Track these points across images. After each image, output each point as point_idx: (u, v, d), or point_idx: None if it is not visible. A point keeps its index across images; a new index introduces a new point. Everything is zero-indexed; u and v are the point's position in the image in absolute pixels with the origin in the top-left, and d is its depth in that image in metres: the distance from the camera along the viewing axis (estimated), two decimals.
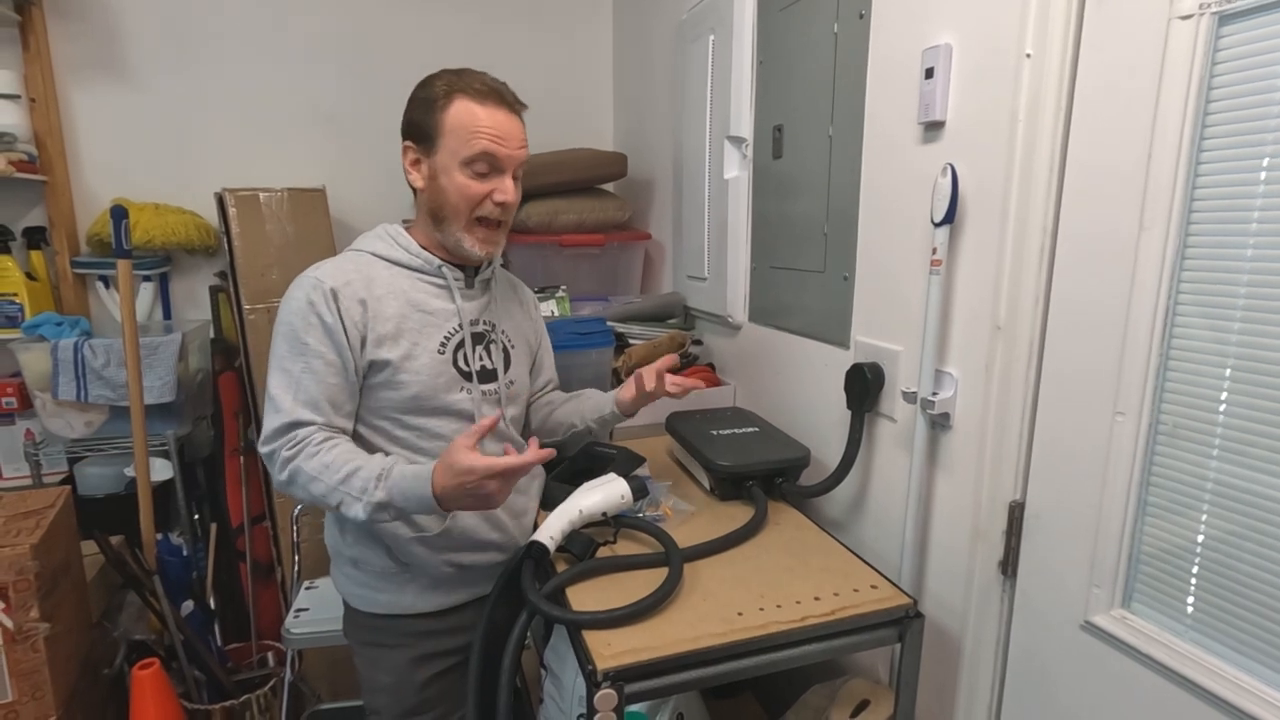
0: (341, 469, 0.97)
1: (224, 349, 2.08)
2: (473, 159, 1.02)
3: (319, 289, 1.01)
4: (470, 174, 1.03)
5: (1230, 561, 0.78)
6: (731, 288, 1.70)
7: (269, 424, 1.00)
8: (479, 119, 1.02)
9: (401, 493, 0.95)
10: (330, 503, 0.97)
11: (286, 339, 1.02)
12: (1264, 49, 0.71)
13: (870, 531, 1.30)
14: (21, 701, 1.33)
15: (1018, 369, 0.98)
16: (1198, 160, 0.78)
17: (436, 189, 1.06)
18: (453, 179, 1.04)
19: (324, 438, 1.00)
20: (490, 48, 2.32)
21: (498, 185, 1.05)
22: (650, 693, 0.88)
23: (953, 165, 1.01)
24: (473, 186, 1.04)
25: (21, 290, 1.83)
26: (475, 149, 1.02)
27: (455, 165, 1.03)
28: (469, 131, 1.02)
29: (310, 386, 1.00)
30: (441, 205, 1.06)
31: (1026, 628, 1.02)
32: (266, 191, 1.94)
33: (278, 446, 0.99)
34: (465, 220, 1.05)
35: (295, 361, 1.00)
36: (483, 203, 1.05)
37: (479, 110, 1.02)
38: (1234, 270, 0.75)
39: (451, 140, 1.03)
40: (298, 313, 1.01)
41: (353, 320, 1.02)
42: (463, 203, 1.04)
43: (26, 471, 1.85)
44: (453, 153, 1.03)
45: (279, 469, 0.99)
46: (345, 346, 1.02)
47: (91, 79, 1.97)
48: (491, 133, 1.02)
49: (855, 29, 1.23)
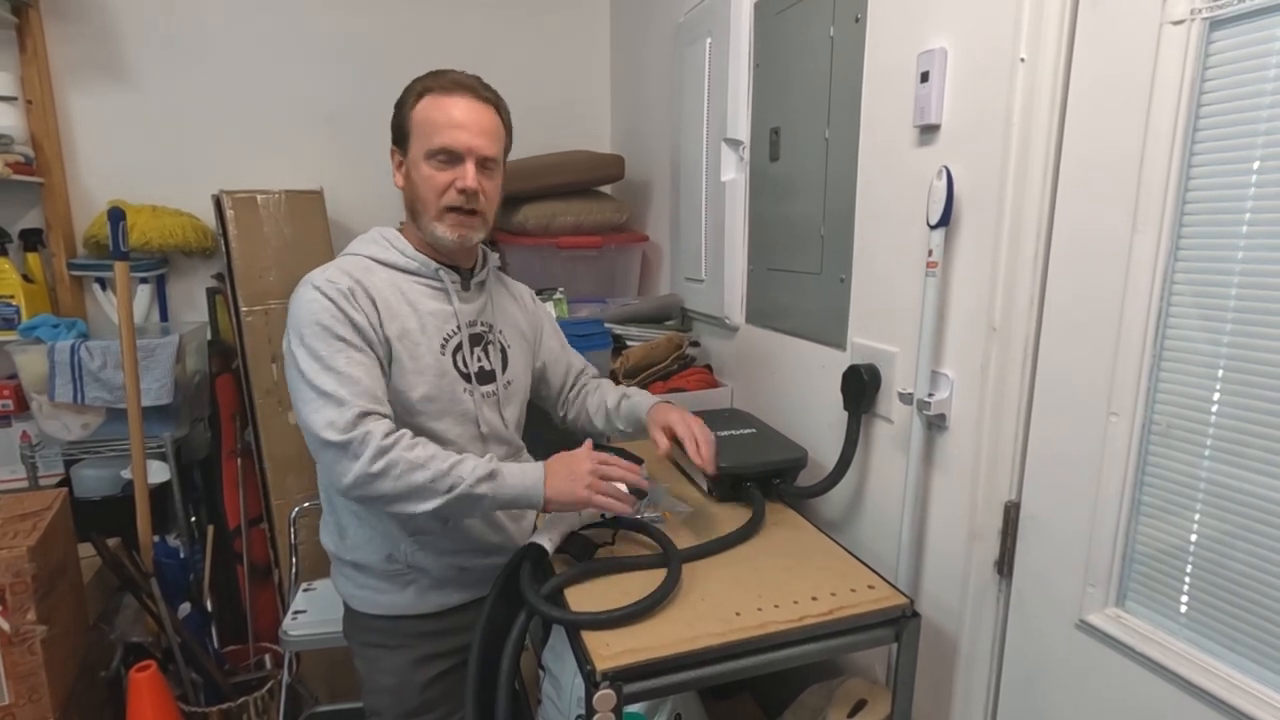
0: (448, 458, 0.98)
1: (221, 351, 2.08)
2: (434, 150, 1.05)
3: (335, 288, 1.01)
4: (434, 165, 1.05)
5: (1223, 560, 0.78)
6: (729, 289, 1.70)
7: (335, 416, 0.94)
8: (441, 110, 1.05)
9: (510, 487, 1.00)
10: (439, 488, 0.95)
11: (320, 338, 0.98)
12: (1255, 54, 0.72)
13: (867, 532, 1.30)
14: (18, 704, 1.33)
15: (1013, 370, 0.99)
16: (1189, 163, 0.79)
17: (410, 185, 1.09)
18: (420, 171, 1.06)
19: (410, 432, 0.99)
20: (488, 50, 2.32)
21: (459, 173, 1.05)
22: (649, 693, 0.88)
23: (948, 168, 1.02)
24: (436, 177, 1.05)
25: (18, 292, 1.83)
26: (434, 140, 1.04)
27: (421, 158, 1.06)
28: (431, 124, 1.05)
29: (363, 379, 0.98)
30: (414, 199, 1.08)
31: (1022, 627, 1.03)
32: (264, 193, 1.94)
33: (353, 439, 0.93)
34: (435, 210, 1.07)
35: (334, 358, 0.98)
36: (447, 192, 1.06)
37: (443, 101, 1.05)
38: (1226, 272, 0.76)
39: (417, 135, 1.06)
40: (326, 310, 0.99)
41: (370, 318, 1.03)
42: (430, 193, 1.06)
43: (23, 474, 1.85)
44: (419, 148, 1.06)
45: (370, 458, 0.93)
46: (376, 342, 1.03)
47: (88, 81, 1.97)
48: (450, 122, 1.04)
49: (851, 32, 1.24)
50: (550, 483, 1.01)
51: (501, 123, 1.10)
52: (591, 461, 1.04)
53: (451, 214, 1.07)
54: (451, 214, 1.07)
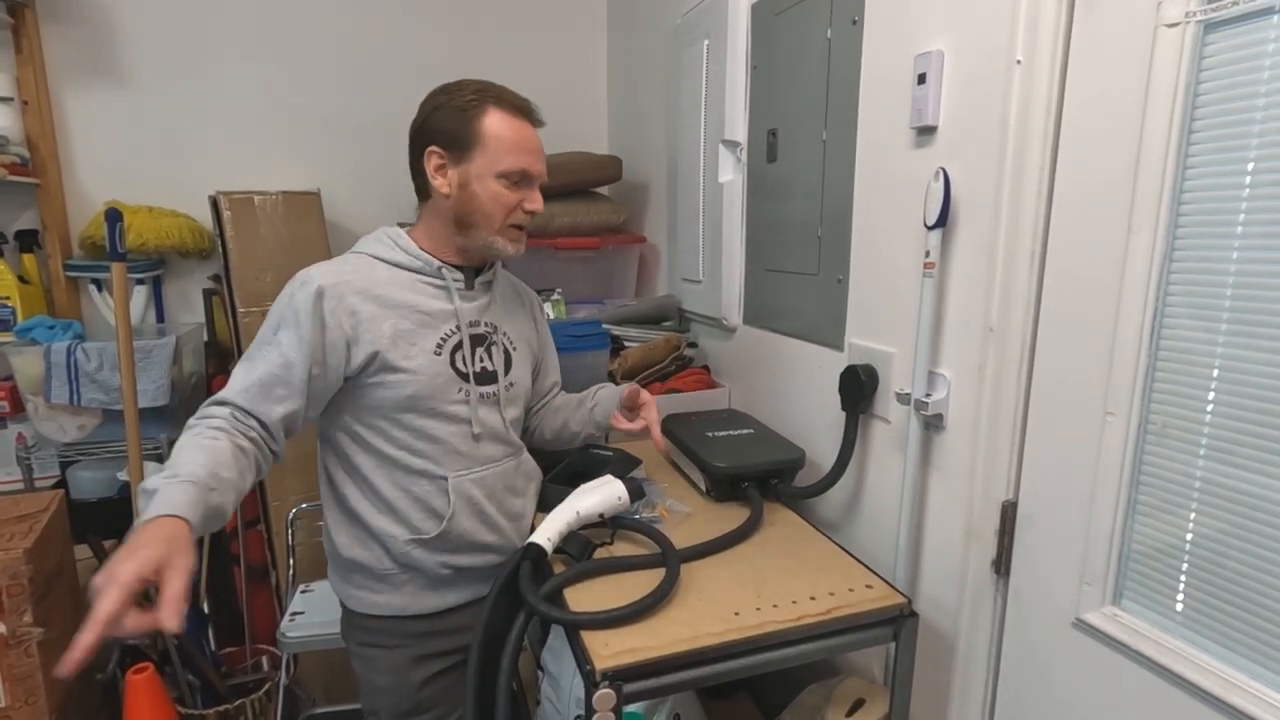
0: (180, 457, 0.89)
1: (217, 352, 2.08)
2: (509, 172, 1.07)
3: (305, 287, 1.03)
4: (505, 184, 1.08)
5: (1218, 559, 0.79)
6: (726, 290, 1.71)
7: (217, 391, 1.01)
8: (515, 132, 1.08)
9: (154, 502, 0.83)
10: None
11: (263, 329, 1.05)
12: (1248, 56, 0.73)
13: (865, 531, 1.31)
14: (15, 707, 1.32)
15: (1010, 370, 0.99)
16: (1184, 165, 0.79)
17: (468, 196, 1.08)
18: (487, 187, 1.07)
19: (217, 425, 0.95)
20: (486, 52, 2.32)
21: (528, 195, 1.11)
22: (648, 692, 0.89)
23: (945, 169, 1.02)
24: (507, 196, 1.08)
25: (14, 293, 1.82)
26: (513, 163, 1.07)
27: (490, 175, 1.07)
28: (506, 145, 1.07)
29: (258, 376, 1.00)
30: (472, 212, 1.09)
31: (1019, 625, 1.03)
32: (261, 195, 1.94)
33: (200, 412, 0.97)
34: (499, 225, 1.10)
35: (259, 349, 1.03)
36: (514, 211, 1.10)
37: (515, 123, 1.08)
38: (1221, 273, 0.77)
39: (488, 151, 1.06)
40: (279, 306, 1.04)
41: (340, 320, 1.03)
42: (498, 210, 1.09)
43: (18, 475, 1.84)
44: (489, 163, 1.07)
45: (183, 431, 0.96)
46: (317, 345, 1.01)
47: (85, 81, 1.97)
48: (525, 146, 1.09)
49: (848, 35, 1.24)
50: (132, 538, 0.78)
51: None
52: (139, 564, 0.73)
53: (514, 230, 1.12)
54: (514, 230, 1.12)
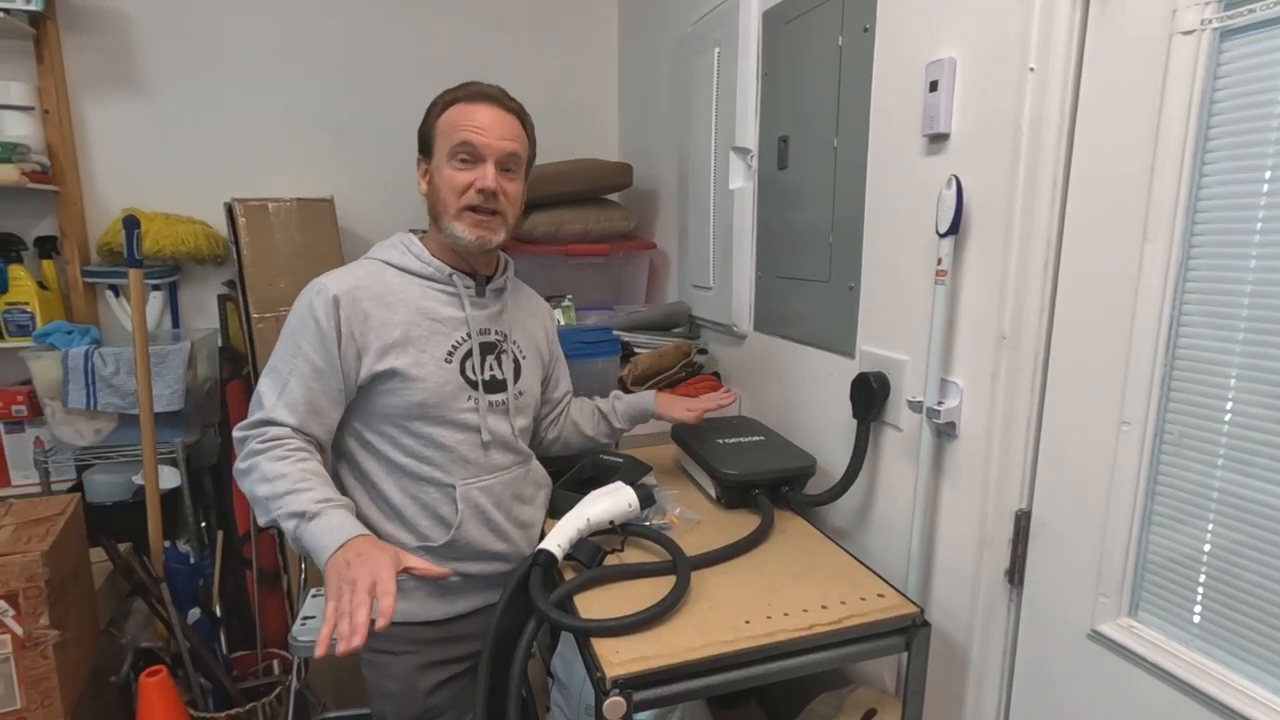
0: (295, 481, 0.96)
1: (232, 357, 2.09)
2: (455, 150, 1.07)
3: (321, 295, 1.04)
4: (455, 165, 1.08)
5: (1237, 571, 0.78)
6: (737, 297, 1.71)
7: (250, 415, 1.05)
8: (465, 116, 1.08)
9: (313, 535, 0.92)
10: (266, 508, 0.96)
11: (284, 340, 1.07)
12: (1265, 63, 0.72)
13: (876, 540, 1.30)
14: (30, 709, 1.33)
15: (1023, 378, 0.99)
16: (1200, 173, 0.79)
17: (433, 189, 1.11)
18: (441, 173, 1.09)
19: (297, 446, 1.01)
20: (497, 59, 2.34)
21: (479, 174, 1.08)
22: (659, 700, 0.88)
23: (957, 177, 1.02)
24: (457, 176, 1.08)
25: (33, 299, 1.85)
26: (456, 140, 1.07)
27: (444, 161, 1.09)
28: (454, 126, 1.08)
29: (295, 389, 1.03)
30: (435, 202, 1.11)
31: (1033, 636, 1.02)
32: (275, 201, 1.96)
33: (249, 436, 1.02)
34: (455, 210, 1.09)
35: (286, 363, 1.05)
36: (466, 192, 1.08)
37: (467, 108, 1.09)
38: (1238, 281, 0.76)
39: (442, 140, 1.09)
40: (298, 316, 1.06)
41: (352, 328, 1.04)
42: (450, 193, 1.08)
43: (36, 479, 1.86)
44: (442, 151, 1.09)
45: (243, 456, 1.01)
46: (336, 355, 1.04)
47: (104, 91, 2.00)
48: (472, 124, 1.07)
49: (860, 42, 1.24)
50: (337, 555, 0.89)
51: (525, 131, 1.13)
52: (375, 576, 0.86)
53: (470, 213, 1.09)
54: (470, 213, 1.09)
